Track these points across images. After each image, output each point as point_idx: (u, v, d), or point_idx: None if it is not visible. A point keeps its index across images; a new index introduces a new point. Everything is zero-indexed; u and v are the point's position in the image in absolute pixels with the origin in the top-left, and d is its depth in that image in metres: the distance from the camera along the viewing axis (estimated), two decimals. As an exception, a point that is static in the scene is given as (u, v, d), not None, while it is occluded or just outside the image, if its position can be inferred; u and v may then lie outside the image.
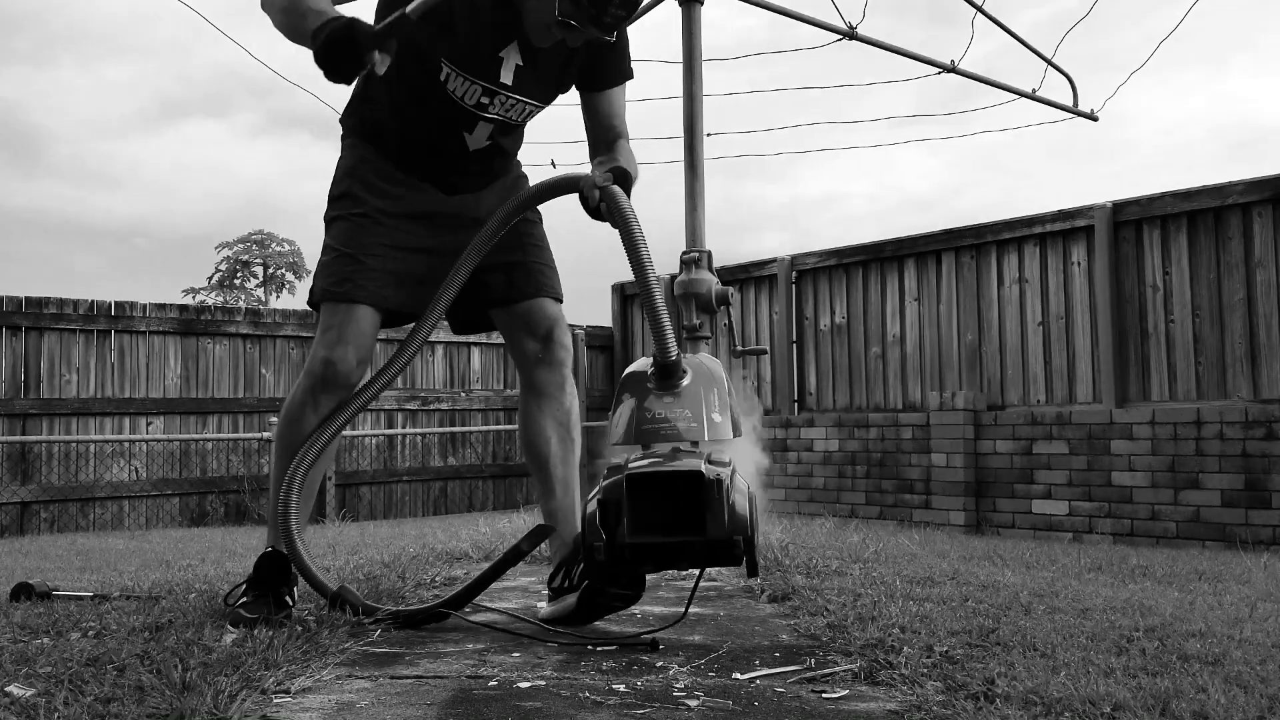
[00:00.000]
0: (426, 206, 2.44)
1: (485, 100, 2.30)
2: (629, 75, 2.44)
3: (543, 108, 2.41)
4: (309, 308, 2.51)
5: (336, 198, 2.45)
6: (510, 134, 2.45)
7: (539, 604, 2.60)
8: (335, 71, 2.02)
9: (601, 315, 10.07)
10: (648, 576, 2.30)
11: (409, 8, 2.06)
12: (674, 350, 2.04)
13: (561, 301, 2.55)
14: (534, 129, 2.65)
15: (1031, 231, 6.81)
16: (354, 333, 2.36)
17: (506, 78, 2.28)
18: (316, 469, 2.41)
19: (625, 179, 2.22)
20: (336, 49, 2.00)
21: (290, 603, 2.26)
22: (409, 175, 2.41)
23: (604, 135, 2.42)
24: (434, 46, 2.23)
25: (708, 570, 3.39)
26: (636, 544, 1.85)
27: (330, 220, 2.46)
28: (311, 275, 2.51)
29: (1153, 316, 6.26)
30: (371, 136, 2.44)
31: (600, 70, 2.39)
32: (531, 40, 2.24)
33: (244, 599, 2.29)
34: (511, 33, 2.25)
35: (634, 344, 9.69)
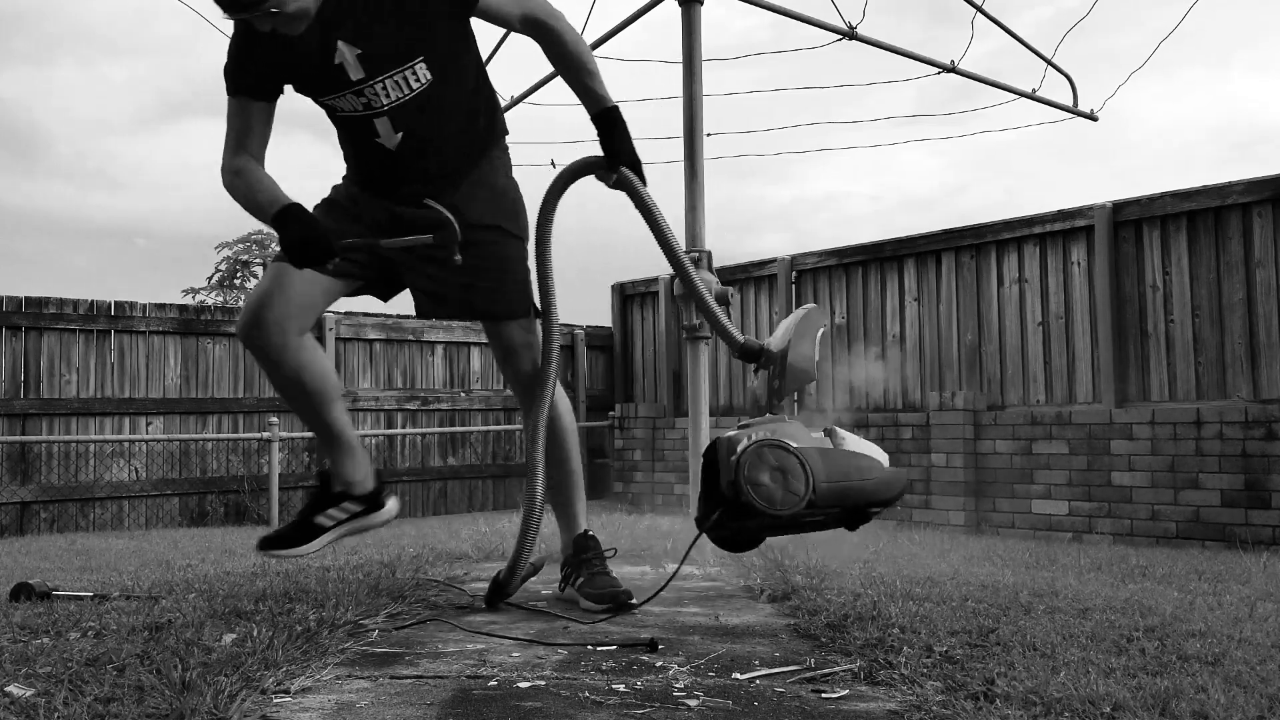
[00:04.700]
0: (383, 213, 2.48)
1: (364, 101, 2.34)
2: None
3: (419, 62, 2.32)
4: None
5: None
6: (423, 118, 2.38)
7: (544, 592, 2.61)
8: (304, 262, 2.24)
9: (601, 315, 10.07)
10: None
11: (384, 241, 2.30)
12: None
13: (517, 317, 2.55)
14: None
15: (1031, 231, 6.82)
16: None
17: (356, 74, 2.30)
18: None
19: (623, 142, 2.41)
20: (308, 250, 2.21)
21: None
22: (366, 191, 2.48)
23: (536, 36, 2.41)
24: (308, 94, 2.37)
25: (707, 570, 3.39)
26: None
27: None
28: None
29: (1152, 316, 6.26)
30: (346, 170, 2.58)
31: None
32: (285, 31, 2.21)
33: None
34: (324, 38, 2.27)
35: (634, 344, 9.69)
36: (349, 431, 2.54)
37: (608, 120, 2.42)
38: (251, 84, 2.35)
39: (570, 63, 2.43)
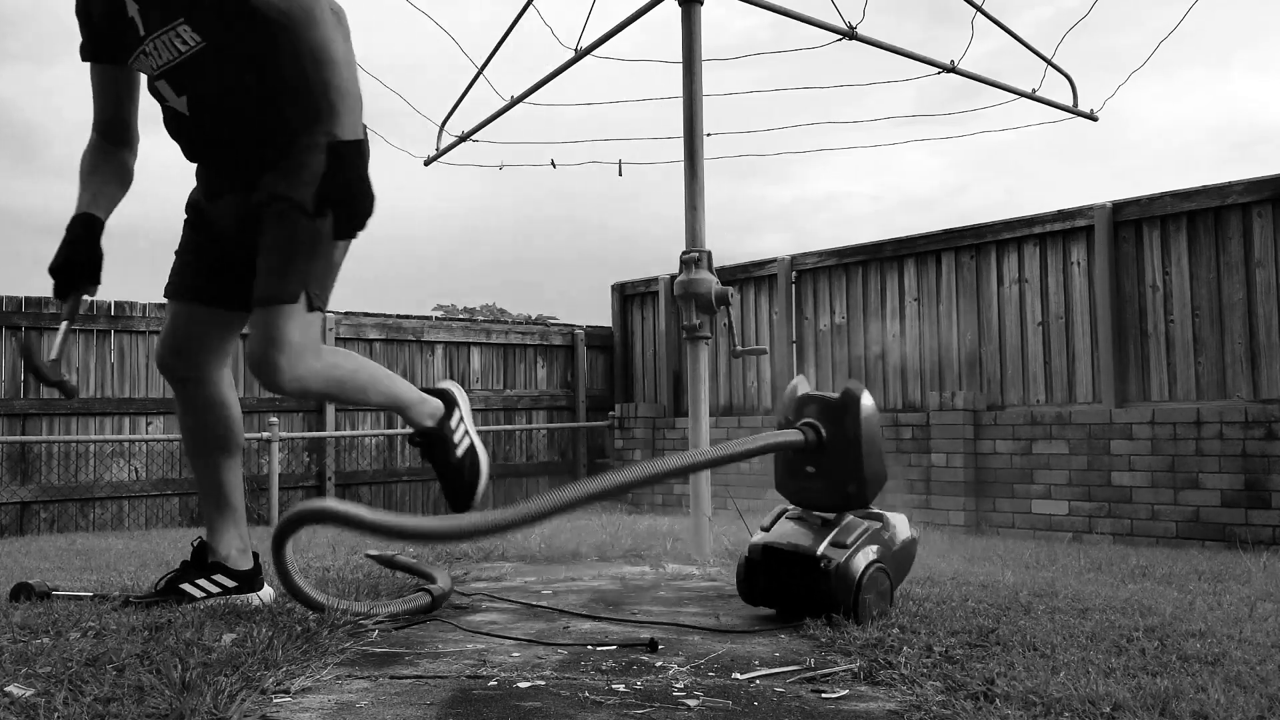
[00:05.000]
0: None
1: (148, 61, 2.26)
2: None
3: (180, 24, 2.19)
4: None
5: None
6: (199, 83, 2.24)
7: (543, 589, 2.60)
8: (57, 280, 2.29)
9: (602, 315, 10.07)
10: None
11: (57, 356, 2.32)
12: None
13: (278, 302, 2.17)
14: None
15: (1031, 231, 6.82)
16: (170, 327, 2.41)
17: (141, 29, 2.23)
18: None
19: (333, 187, 2.04)
20: (57, 277, 2.28)
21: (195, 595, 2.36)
22: (203, 177, 2.41)
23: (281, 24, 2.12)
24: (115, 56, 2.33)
25: (707, 570, 3.39)
26: None
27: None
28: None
29: (1152, 316, 6.26)
30: None
31: None
32: None
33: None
34: None
35: (634, 344, 9.69)
36: (238, 498, 2.43)
37: (330, 156, 2.05)
38: (86, 44, 2.32)
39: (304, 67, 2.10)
